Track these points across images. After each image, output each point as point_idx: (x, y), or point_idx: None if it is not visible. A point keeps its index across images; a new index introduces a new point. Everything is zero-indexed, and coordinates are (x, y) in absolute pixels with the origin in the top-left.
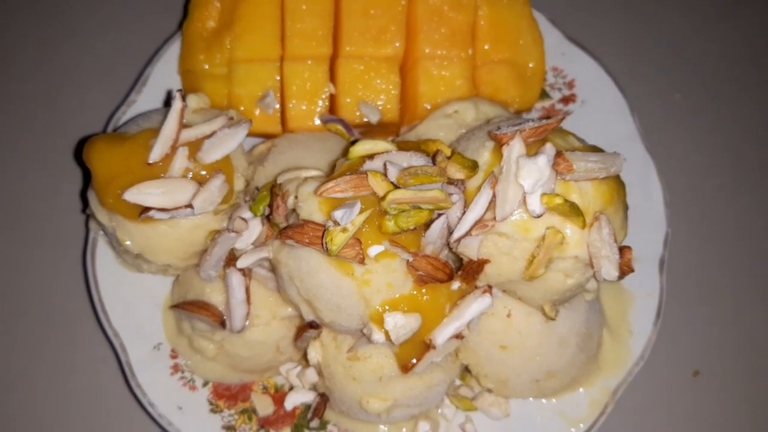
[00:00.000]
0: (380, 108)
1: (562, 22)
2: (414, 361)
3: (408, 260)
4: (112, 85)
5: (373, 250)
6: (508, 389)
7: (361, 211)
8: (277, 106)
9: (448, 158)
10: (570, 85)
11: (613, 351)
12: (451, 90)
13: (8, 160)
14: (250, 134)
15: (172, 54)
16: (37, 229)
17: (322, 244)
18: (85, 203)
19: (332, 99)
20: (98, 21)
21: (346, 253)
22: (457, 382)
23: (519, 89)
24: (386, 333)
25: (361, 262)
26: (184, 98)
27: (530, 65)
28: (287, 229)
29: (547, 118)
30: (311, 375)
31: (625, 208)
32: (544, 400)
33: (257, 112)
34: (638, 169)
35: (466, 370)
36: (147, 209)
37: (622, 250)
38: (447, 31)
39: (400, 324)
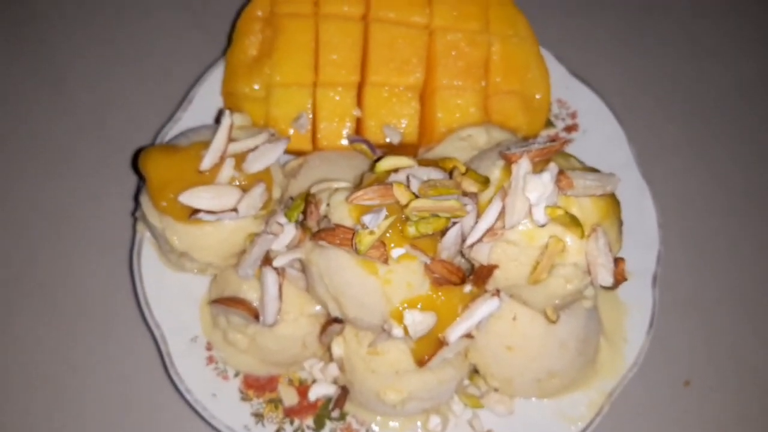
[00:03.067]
0: (401, 131)
1: (567, 58)
2: (428, 356)
3: (426, 263)
4: (160, 105)
5: (396, 252)
6: (512, 388)
7: (387, 217)
8: (309, 126)
9: (463, 174)
10: (573, 115)
11: (609, 356)
12: (465, 117)
13: (64, 170)
14: (285, 151)
15: (215, 78)
16: (88, 232)
17: (352, 245)
18: (136, 206)
19: (359, 122)
20: (149, 46)
21: (372, 253)
22: (466, 381)
23: (526, 118)
24: (405, 328)
25: (385, 262)
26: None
27: (537, 96)
28: (320, 231)
29: (552, 142)
30: (333, 369)
31: (620, 223)
32: (545, 400)
33: (291, 131)
34: (634, 192)
35: (474, 371)
36: (196, 211)
37: (617, 260)
38: (463, 64)
39: (418, 320)
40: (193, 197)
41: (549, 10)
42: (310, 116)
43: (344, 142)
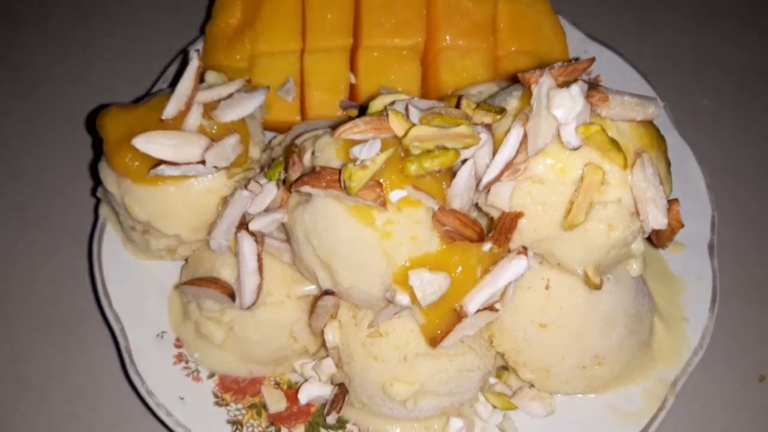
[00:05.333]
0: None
1: (585, 28)
2: (442, 333)
3: (434, 211)
4: (135, 86)
5: (395, 194)
6: (551, 379)
7: (382, 150)
8: (297, 94)
9: (474, 108)
10: (595, 80)
11: (667, 339)
12: (473, 78)
13: (26, 152)
14: (270, 126)
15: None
16: (45, 218)
17: (341, 184)
18: (95, 184)
19: (353, 89)
20: (124, 24)
21: (365, 194)
22: (493, 380)
23: None
24: (411, 293)
25: (383, 205)
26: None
27: (553, 57)
28: (303, 176)
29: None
30: (328, 366)
31: (668, 161)
32: (593, 396)
33: (278, 102)
34: (674, 154)
35: (503, 367)
36: (157, 164)
37: (670, 202)
38: (467, 23)
39: (427, 281)
40: (150, 143)
41: None
42: (298, 86)
43: (337, 114)
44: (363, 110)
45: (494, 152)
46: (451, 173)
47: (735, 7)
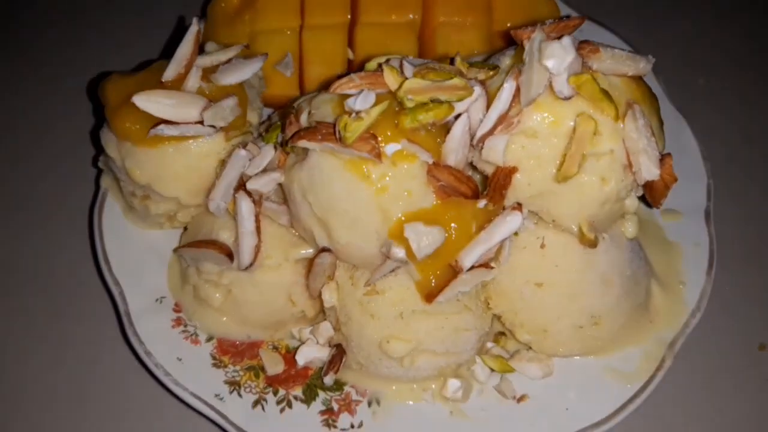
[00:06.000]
0: None
1: (580, 9)
2: (438, 287)
3: (428, 164)
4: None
5: (390, 147)
6: (548, 340)
7: (377, 103)
8: (295, 69)
9: (469, 67)
10: None
11: (665, 302)
12: (469, 53)
13: (27, 131)
14: (269, 101)
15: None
16: (46, 191)
17: (336, 136)
18: (98, 152)
19: (350, 64)
20: (125, 8)
21: (360, 146)
22: (490, 344)
23: None
24: (407, 246)
25: (378, 157)
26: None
27: None
28: (299, 131)
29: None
30: (326, 329)
31: (660, 119)
32: (591, 358)
33: (277, 77)
34: (670, 126)
35: (500, 333)
36: (156, 124)
37: (663, 156)
38: (463, 0)
39: (422, 233)
40: (150, 101)
41: None
42: (297, 61)
43: None
44: None
45: (488, 107)
46: (446, 129)
47: None
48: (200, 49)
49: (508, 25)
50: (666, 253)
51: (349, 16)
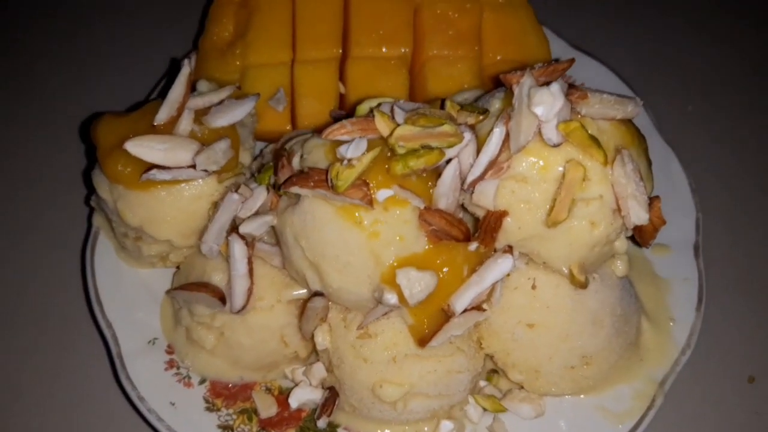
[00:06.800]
0: None
1: (566, 32)
2: (431, 332)
3: (420, 209)
4: (128, 102)
5: (382, 194)
6: (540, 380)
7: (369, 150)
8: (287, 104)
9: (458, 110)
10: None
11: (654, 339)
12: (459, 87)
13: (18, 165)
14: (261, 136)
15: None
16: (40, 227)
17: (328, 183)
18: (89, 191)
19: (342, 98)
20: (117, 40)
21: (352, 193)
22: (483, 382)
23: None
24: (399, 292)
25: (369, 204)
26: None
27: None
28: (291, 178)
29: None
30: (319, 370)
31: (648, 160)
32: (582, 397)
33: (269, 112)
34: (659, 159)
35: (492, 371)
36: (148, 169)
37: (651, 199)
38: (453, 33)
39: (414, 279)
40: (142, 147)
41: None
42: (289, 96)
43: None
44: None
45: (478, 152)
46: (437, 174)
47: (718, 14)
48: (192, 87)
49: (499, 57)
50: (655, 287)
51: (340, 50)
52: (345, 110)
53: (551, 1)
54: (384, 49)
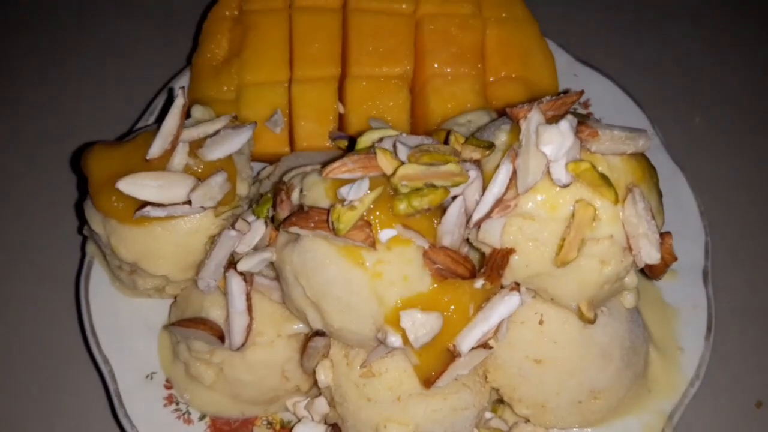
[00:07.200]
0: (390, 123)
1: (573, 49)
2: (436, 373)
3: (424, 248)
4: (121, 120)
5: (385, 234)
6: (546, 415)
7: (371, 190)
8: (285, 125)
9: (462, 143)
10: (585, 104)
11: (663, 370)
12: (462, 106)
13: (9, 190)
14: (257, 157)
15: (181, 85)
16: (32, 256)
17: (329, 225)
18: (81, 223)
19: (342, 119)
20: (108, 58)
21: (354, 235)
22: (488, 414)
23: None
24: (403, 335)
25: (372, 245)
26: (188, 105)
27: (542, 82)
28: (291, 216)
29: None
30: (321, 405)
31: (659, 193)
32: (589, 430)
33: (266, 134)
34: (666, 179)
35: (498, 400)
36: (142, 206)
37: (662, 235)
38: (456, 50)
39: (419, 322)
40: (135, 185)
41: None
42: (286, 116)
43: (327, 143)
44: (352, 141)
45: (484, 188)
46: (441, 209)
47: (723, 25)
48: (187, 113)
49: (502, 74)
50: (663, 315)
51: (339, 69)
52: (345, 130)
53: (554, 13)
54: (384, 68)
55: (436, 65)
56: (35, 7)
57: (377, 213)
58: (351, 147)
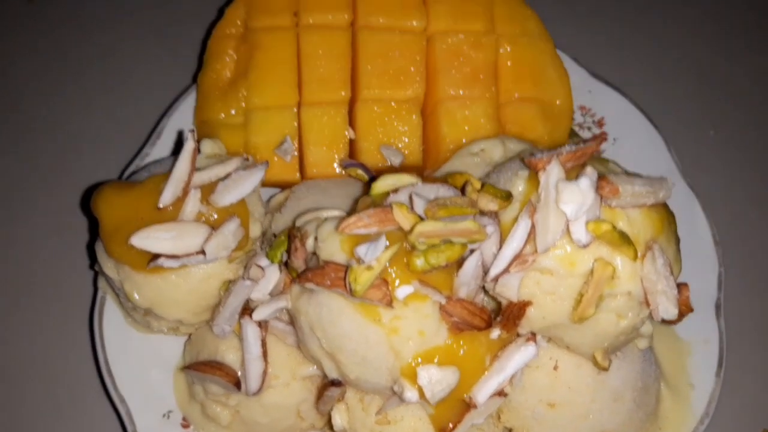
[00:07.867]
0: (402, 151)
1: (587, 62)
2: (453, 424)
3: (441, 303)
4: (127, 141)
5: (402, 291)
6: None
7: (387, 247)
8: (295, 153)
9: (479, 190)
10: (599, 123)
11: (673, 408)
12: (475, 130)
13: (19, 217)
14: (267, 184)
15: (187, 106)
16: (45, 290)
17: (346, 286)
18: (93, 258)
19: (352, 144)
20: (113, 78)
21: (371, 294)
22: None
23: (547, 127)
24: (420, 390)
25: (389, 304)
26: (197, 141)
27: (557, 102)
28: (306, 272)
29: (585, 142)
30: None
31: (677, 239)
32: None
33: (275, 160)
34: (681, 205)
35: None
36: (156, 257)
37: (679, 286)
38: (468, 70)
39: (436, 379)
40: (148, 239)
41: (560, 8)
42: (296, 142)
43: (336, 170)
44: (363, 168)
45: (501, 241)
46: (458, 262)
47: (735, 38)
48: (197, 149)
49: (516, 95)
50: (674, 349)
51: (349, 92)
52: (355, 156)
53: (567, 28)
54: (395, 91)
55: (448, 87)
56: (41, 28)
57: (394, 269)
58: (364, 168)
